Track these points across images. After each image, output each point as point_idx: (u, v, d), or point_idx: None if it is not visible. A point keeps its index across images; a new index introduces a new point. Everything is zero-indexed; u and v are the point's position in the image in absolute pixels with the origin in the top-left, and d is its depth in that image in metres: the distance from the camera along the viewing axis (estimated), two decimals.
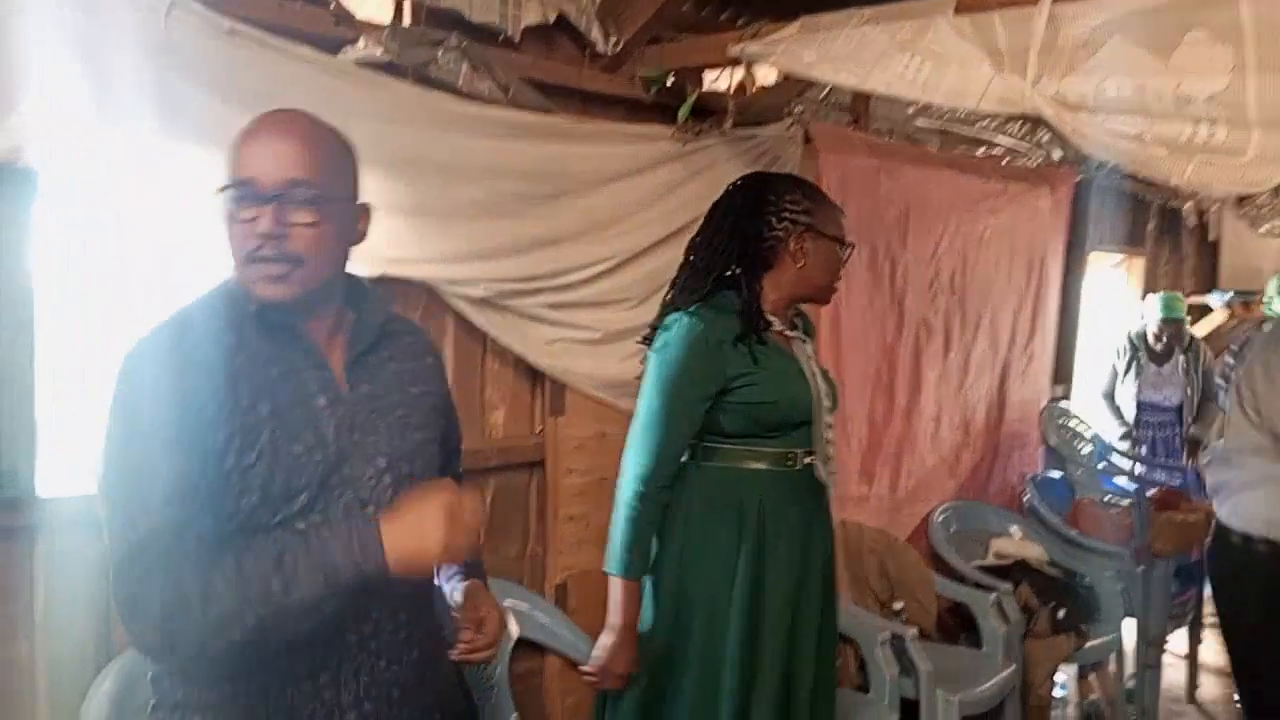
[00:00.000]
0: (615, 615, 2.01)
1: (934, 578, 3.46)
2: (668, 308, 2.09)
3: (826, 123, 3.39)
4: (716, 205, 2.13)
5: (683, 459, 2.08)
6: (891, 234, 3.62)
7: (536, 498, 2.85)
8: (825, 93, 3.39)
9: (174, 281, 2.02)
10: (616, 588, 2.02)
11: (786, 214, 2.04)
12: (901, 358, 3.75)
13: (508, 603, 2.66)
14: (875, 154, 3.50)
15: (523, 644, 2.65)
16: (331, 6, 2.26)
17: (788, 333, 2.11)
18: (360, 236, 1.42)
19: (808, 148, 3.22)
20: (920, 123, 3.88)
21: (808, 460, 2.07)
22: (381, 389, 1.43)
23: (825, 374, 2.16)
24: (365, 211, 1.42)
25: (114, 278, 2.10)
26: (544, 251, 2.61)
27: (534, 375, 2.80)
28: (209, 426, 1.28)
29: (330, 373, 1.39)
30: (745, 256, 2.05)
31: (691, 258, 2.11)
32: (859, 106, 3.58)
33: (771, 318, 2.07)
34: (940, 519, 3.85)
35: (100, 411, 1.32)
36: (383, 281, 2.38)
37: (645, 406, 2.03)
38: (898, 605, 3.30)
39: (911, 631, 2.99)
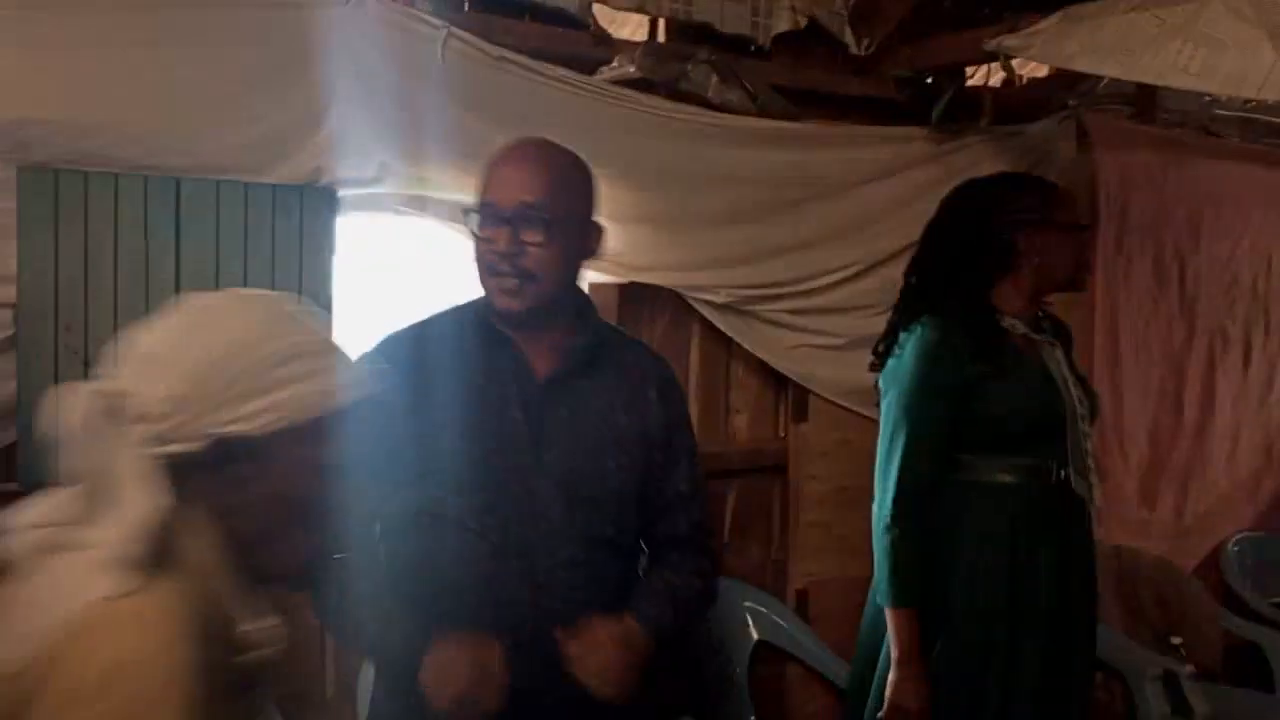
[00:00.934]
0: (894, 649, 1.92)
1: (1222, 612, 3.15)
2: (894, 330, 2.03)
3: (1104, 115, 3.16)
4: (932, 224, 2.05)
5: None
6: (1181, 234, 3.33)
7: (779, 503, 2.86)
8: (1103, 84, 3.16)
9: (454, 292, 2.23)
10: (890, 620, 1.93)
11: (1009, 214, 1.95)
12: (1191, 369, 3.43)
13: (748, 603, 2.71)
14: (1161, 147, 3.24)
15: (764, 646, 2.68)
16: (591, 29, 2.40)
17: (1033, 336, 2.00)
18: (592, 254, 1.52)
19: (1082, 143, 3.03)
20: (1219, 111, 3.53)
21: (1063, 474, 1.95)
22: (581, 412, 1.48)
23: (1082, 380, 2.03)
24: (598, 230, 1.52)
25: (404, 290, 2.34)
26: (787, 257, 2.63)
27: (778, 380, 2.81)
28: (406, 419, 1.41)
29: (536, 387, 1.47)
30: (973, 267, 1.97)
31: (912, 279, 2.05)
32: (1144, 97, 3.31)
33: (1014, 322, 1.97)
34: (1235, 549, 3.49)
35: None
36: (632, 287, 2.51)
37: (887, 428, 1.96)
38: (1176, 640, 3.03)
39: (1188, 668, 2.74)
